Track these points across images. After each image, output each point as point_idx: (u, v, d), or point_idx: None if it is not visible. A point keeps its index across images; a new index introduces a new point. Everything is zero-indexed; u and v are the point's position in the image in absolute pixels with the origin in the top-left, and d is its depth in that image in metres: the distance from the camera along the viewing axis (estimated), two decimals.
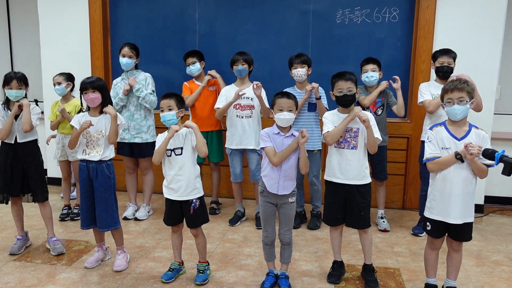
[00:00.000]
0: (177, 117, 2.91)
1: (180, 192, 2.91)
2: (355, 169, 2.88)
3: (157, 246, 3.62)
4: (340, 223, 3.02)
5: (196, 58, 4.22)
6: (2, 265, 3.23)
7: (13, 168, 3.35)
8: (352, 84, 2.86)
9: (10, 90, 3.26)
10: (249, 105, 3.98)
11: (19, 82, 3.26)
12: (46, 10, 5.00)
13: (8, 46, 5.72)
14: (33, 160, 3.39)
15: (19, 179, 3.37)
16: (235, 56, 4.00)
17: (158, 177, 4.45)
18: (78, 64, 4.91)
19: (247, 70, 4.01)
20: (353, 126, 2.88)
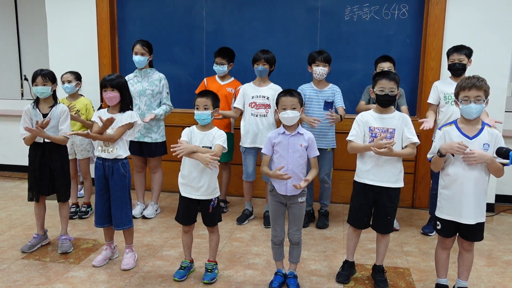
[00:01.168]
0: (212, 116, 2.90)
1: (202, 191, 2.89)
2: (389, 171, 2.82)
3: (165, 245, 3.61)
4: (367, 226, 2.96)
5: (225, 60, 4.17)
6: (11, 263, 3.23)
7: (42, 167, 3.35)
8: (395, 84, 2.81)
9: (36, 87, 3.26)
10: (264, 104, 3.95)
11: (44, 78, 3.25)
12: (54, 9, 5.01)
13: (17, 45, 5.73)
14: (60, 159, 3.38)
15: (47, 178, 3.37)
16: (257, 54, 3.95)
17: (167, 176, 4.47)
18: (86, 63, 4.91)
19: (268, 70, 3.98)
20: (389, 127, 2.82)
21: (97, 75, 4.91)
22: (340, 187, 4.67)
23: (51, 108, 3.33)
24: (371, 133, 2.85)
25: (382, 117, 2.85)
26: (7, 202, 4.65)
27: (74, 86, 4.12)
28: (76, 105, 4.10)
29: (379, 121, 2.85)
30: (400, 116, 2.85)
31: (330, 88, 3.93)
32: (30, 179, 3.41)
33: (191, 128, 2.95)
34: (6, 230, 3.88)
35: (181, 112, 4.74)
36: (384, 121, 2.84)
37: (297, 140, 2.79)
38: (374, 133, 2.84)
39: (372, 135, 2.84)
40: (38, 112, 3.31)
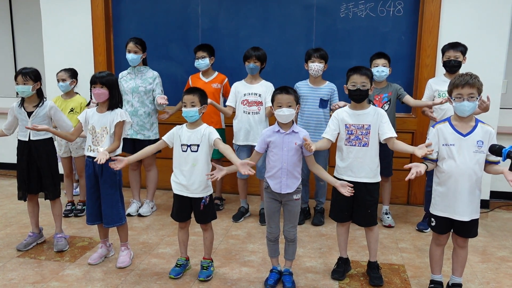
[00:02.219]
0: (199, 113, 2.89)
1: (192, 189, 2.89)
2: (367, 167, 2.84)
3: (161, 243, 3.61)
4: (347, 220, 2.99)
5: (206, 53, 4.18)
6: (6, 262, 3.23)
7: (29, 166, 3.34)
8: (367, 79, 2.82)
9: (17, 86, 3.25)
10: (256, 102, 3.95)
11: (24, 77, 3.23)
12: (49, 6, 4.98)
13: (11, 43, 5.71)
14: (47, 158, 3.36)
15: (35, 176, 3.36)
16: (248, 52, 3.95)
17: (162, 173, 4.46)
18: (81, 60, 4.89)
19: (259, 67, 3.97)
20: (364, 123, 2.84)
21: (92, 72, 4.85)
22: None
23: (36, 107, 3.31)
24: (347, 130, 2.86)
25: (356, 113, 2.87)
26: (3, 200, 4.65)
27: (68, 85, 4.11)
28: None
29: (354, 117, 2.86)
30: (375, 111, 2.86)
31: (327, 86, 3.94)
32: (18, 178, 3.39)
33: (182, 126, 2.95)
34: (2, 229, 3.87)
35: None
36: (359, 117, 2.85)
37: (292, 138, 2.78)
38: (350, 130, 2.86)
39: (348, 132, 2.86)
40: (23, 111, 3.29)
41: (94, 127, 3.09)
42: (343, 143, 2.88)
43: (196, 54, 4.21)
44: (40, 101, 3.34)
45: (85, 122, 3.13)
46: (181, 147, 2.89)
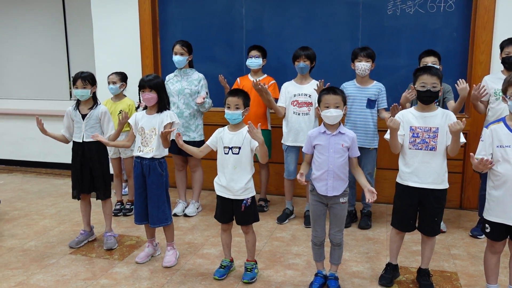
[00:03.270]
0: (242, 116, 2.89)
1: (233, 191, 2.89)
2: (434, 172, 2.70)
3: (206, 243, 3.64)
4: (412, 229, 2.85)
5: (260, 53, 4.19)
6: (59, 258, 3.36)
7: (82, 166, 3.46)
8: (437, 80, 2.68)
9: (76, 90, 3.38)
10: (306, 102, 3.91)
11: (84, 81, 3.36)
12: (99, 12, 5.16)
13: (65, 48, 5.96)
14: (98, 159, 3.48)
15: (88, 176, 3.48)
16: (297, 51, 3.92)
17: (207, 174, 4.50)
18: (129, 63, 5.03)
19: (309, 66, 3.93)
20: (432, 126, 2.70)
21: (140, 75, 5.01)
22: (384, 186, 4.54)
23: (90, 110, 3.43)
24: (412, 133, 2.73)
25: (423, 115, 2.73)
26: (57, 199, 4.85)
27: (118, 87, 4.24)
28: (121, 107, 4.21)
29: (421, 119, 2.73)
30: (443, 113, 2.72)
31: (375, 85, 3.83)
32: (73, 178, 3.53)
33: (223, 129, 2.96)
34: (56, 226, 4.04)
35: (221, 111, 4.71)
36: (427, 119, 2.72)
37: (339, 140, 2.72)
38: (416, 133, 2.72)
39: (413, 135, 2.73)
40: (78, 113, 3.43)
41: (143, 128, 3.16)
42: (407, 146, 2.74)
43: (250, 52, 4.22)
44: (94, 104, 3.46)
45: (135, 125, 3.21)
46: (223, 149, 2.90)
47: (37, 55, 6.06)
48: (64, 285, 2.96)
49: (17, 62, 6.15)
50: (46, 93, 6.10)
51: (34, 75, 6.12)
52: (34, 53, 6.06)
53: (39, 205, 4.64)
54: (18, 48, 6.10)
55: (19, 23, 6.03)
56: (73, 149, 3.50)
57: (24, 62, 6.12)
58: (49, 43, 6.00)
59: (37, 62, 6.07)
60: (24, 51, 6.09)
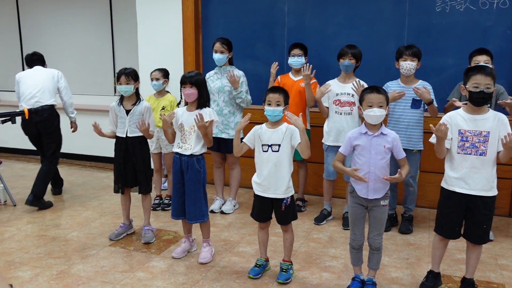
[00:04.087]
0: (283, 113, 2.85)
1: (273, 190, 2.86)
2: (483, 179, 2.56)
3: (242, 241, 3.63)
4: (457, 236, 2.72)
5: (302, 52, 4.13)
6: (99, 249, 3.45)
7: (125, 161, 3.54)
8: (491, 80, 2.52)
9: (120, 86, 3.45)
10: (349, 102, 3.82)
11: (127, 77, 3.43)
12: (144, 10, 5.26)
13: (111, 45, 6.12)
14: (141, 154, 3.54)
15: (130, 171, 3.54)
16: (343, 49, 3.83)
17: (245, 172, 4.49)
18: (171, 61, 5.09)
19: (354, 65, 3.84)
20: (483, 129, 2.54)
21: (181, 72, 5.06)
22: (427, 190, 4.37)
23: (133, 106, 3.48)
24: (461, 136, 2.58)
25: (474, 118, 2.58)
26: (99, 192, 4.99)
27: (161, 84, 4.30)
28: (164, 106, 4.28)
29: (471, 123, 2.58)
30: (495, 116, 2.56)
31: (420, 85, 3.68)
32: (115, 172, 3.61)
33: (261, 126, 2.92)
34: (97, 218, 4.15)
35: (260, 109, 4.69)
36: (477, 122, 2.56)
37: (380, 141, 2.63)
38: (465, 137, 2.58)
39: (462, 139, 2.58)
40: (122, 109, 3.49)
41: (183, 125, 3.18)
42: (456, 151, 2.61)
43: (292, 51, 4.16)
44: (137, 100, 3.52)
45: (175, 121, 3.23)
46: (262, 147, 2.86)
47: (86, 53, 6.25)
48: (103, 276, 3.02)
49: (67, 60, 6.37)
50: (92, 89, 6.29)
51: (82, 71, 6.32)
52: (83, 52, 6.26)
53: (83, 197, 4.78)
54: (69, 47, 6.32)
55: (71, 24, 6.25)
56: (116, 143, 3.58)
57: (74, 59, 6.33)
58: (96, 42, 6.17)
59: (85, 59, 6.26)
60: (74, 50, 6.30)
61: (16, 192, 4.80)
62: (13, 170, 5.88)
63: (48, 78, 4.56)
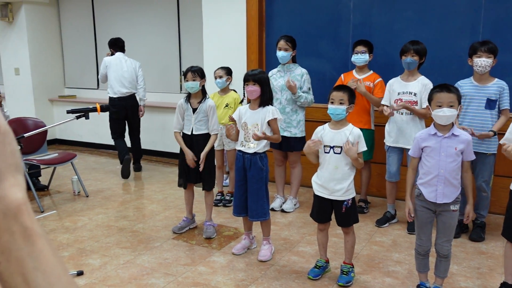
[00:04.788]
0: (346, 112, 2.79)
1: (334, 191, 2.81)
2: None
3: (302, 241, 3.59)
4: None
5: (366, 49, 4.03)
6: (163, 242, 3.57)
7: None
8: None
9: (187, 82, 3.55)
10: (411, 101, 3.67)
11: (193, 74, 3.52)
12: (209, 9, 5.36)
13: (178, 44, 6.30)
14: None
15: (194, 167, 3.63)
16: (406, 45, 3.69)
17: (306, 170, 4.45)
18: (235, 59, 5.15)
19: (417, 62, 3.67)
20: None
21: (245, 70, 5.10)
22: (501, 196, 4.08)
23: (199, 104, 3.55)
24: None
25: None
26: (164, 186, 5.16)
27: (225, 81, 4.37)
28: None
29: None
30: None
31: (495, 84, 3.45)
32: (180, 167, 3.71)
33: (324, 126, 2.86)
34: (162, 211, 4.29)
35: (323, 107, 4.63)
36: None
37: (451, 142, 2.48)
38: None
39: None
40: (189, 107, 3.58)
41: (246, 123, 3.21)
42: None
43: (355, 48, 4.06)
44: (203, 98, 3.59)
45: (238, 119, 3.26)
46: (324, 148, 2.81)
47: (154, 53, 6.49)
48: (166, 268, 3.12)
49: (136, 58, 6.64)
50: (159, 87, 6.52)
51: (150, 70, 6.57)
52: (151, 51, 6.51)
53: (149, 191, 4.98)
54: (138, 47, 6.59)
55: (141, 25, 6.52)
56: (183, 139, 3.67)
57: (143, 59, 6.59)
58: (164, 42, 6.39)
59: (153, 59, 6.51)
60: (143, 50, 6.57)
61: (88, 183, 5.09)
62: (87, 163, 6.25)
63: (133, 69, 5.51)
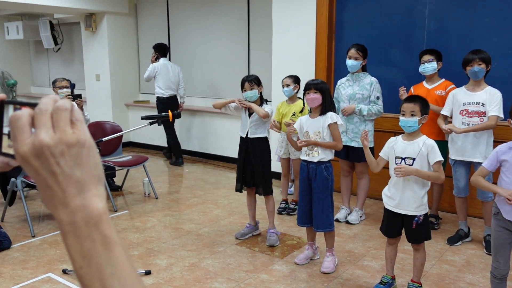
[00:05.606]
0: (419, 124, 2.68)
1: (404, 206, 2.70)
2: None
3: (367, 254, 3.49)
4: None
5: (434, 57, 3.87)
6: (226, 247, 3.62)
7: (245, 161, 3.69)
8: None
9: (245, 92, 3.60)
10: (478, 112, 3.46)
11: (250, 83, 3.58)
12: (279, 17, 5.39)
13: (247, 52, 6.40)
14: (260, 155, 3.65)
15: (249, 171, 3.68)
16: (469, 55, 3.50)
17: (374, 181, 4.33)
18: (303, 67, 5.14)
19: (484, 70, 3.48)
20: None
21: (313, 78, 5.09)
22: None
23: None
24: None
25: None
26: (229, 191, 5.25)
27: (292, 89, 4.36)
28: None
29: None
30: None
31: None
32: (237, 172, 3.77)
33: (397, 137, 2.76)
34: (226, 216, 4.37)
35: (393, 118, 4.50)
36: None
37: None
38: None
39: None
40: (246, 110, 3.63)
41: (308, 132, 3.19)
42: None
43: (422, 58, 3.91)
44: (261, 104, 3.63)
45: (300, 128, 3.25)
46: (395, 159, 2.71)
47: (223, 61, 6.65)
48: (229, 273, 3.16)
49: (205, 66, 6.86)
50: (224, 93, 6.65)
51: (217, 77, 6.74)
52: (221, 59, 6.67)
53: (214, 195, 5.09)
54: (207, 54, 6.80)
55: (211, 34, 6.70)
56: (240, 144, 3.74)
57: (212, 66, 6.79)
58: (234, 51, 6.51)
59: (222, 66, 6.66)
60: (211, 57, 6.76)
61: (158, 186, 5.31)
62: (157, 166, 6.52)
63: (177, 73, 6.37)
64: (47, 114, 0.53)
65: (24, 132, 0.53)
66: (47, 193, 0.53)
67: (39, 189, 0.54)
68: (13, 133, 0.53)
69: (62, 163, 0.52)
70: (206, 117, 6.77)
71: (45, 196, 0.53)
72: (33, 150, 0.52)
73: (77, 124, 0.54)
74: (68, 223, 0.52)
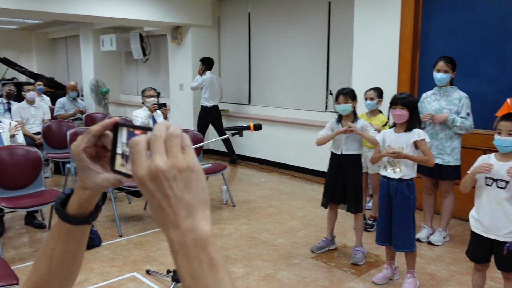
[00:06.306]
0: None
1: (494, 231, 2.54)
2: None
3: (451, 279, 3.29)
4: None
5: None
6: (302, 260, 3.61)
7: (336, 177, 3.62)
8: None
9: (339, 105, 3.54)
10: None
11: (345, 97, 3.50)
12: (361, 28, 5.31)
13: (326, 63, 6.37)
14: (353, 172, 3.56)
15: (340, 188, 3.61)
16: None
17: (459, 201, 4.09)
18: (385, 79, 5.00)
19: None
20: None
21: (395, 91, 4.92)
22: None
23: None
24: None
25: None
26: (305, 203, 5.23)
27: (375, 103, 4.27)
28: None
29: None
30: None
31: None
32: (326, 186, 3.71)
33: (489, 156, 2.58)
34: (302, 229, 4.35)
35: (483, 134, 4.24)
36: None
37: None
38: None
39: None
40: (340, 127, 3.55)
41: (390, 146, 3.09)
42: None
43: None
44: (354, 119, 3.56)
45: (382, 142, 3.16)
46: (485, 179, 2.54)
47: (302, 73, 6.67)
48: (304, 287, 3.15)
49: (285, 77, 6.92)
50: (304, 105, 6.66)
51: (297, 89, 6.77)
52: (300, 72, 6.70)
53: (290, 206, 5.09)
54: (287, 65, 6.86)
55: (291, 45, 6.76)
56: (331, 159, 3.67)
57: (291, 78, 6.84)
58: (313, 63, 6.51)
59: (301, 78, 6.68)
60: (291, 68, 6.81)
61: (235, 194, 5.43)
62: (234, 174, 6.67)
63: (220, 86, 7.12)
64: (161, 140, 0.57)
65: (142, 156, 0.57)
66: (160, 215, 0.57)
67: (152, 211, 0.58)
68: (132, 157, 0.58)
69: (175, 186, 0.56)
70: (285, 128, 6.82)
71: (158, 217, 0.57)
72: (149, 173, 0.56)
73: (187, 150, 0.58)
74: (179, 244, 0.56)
